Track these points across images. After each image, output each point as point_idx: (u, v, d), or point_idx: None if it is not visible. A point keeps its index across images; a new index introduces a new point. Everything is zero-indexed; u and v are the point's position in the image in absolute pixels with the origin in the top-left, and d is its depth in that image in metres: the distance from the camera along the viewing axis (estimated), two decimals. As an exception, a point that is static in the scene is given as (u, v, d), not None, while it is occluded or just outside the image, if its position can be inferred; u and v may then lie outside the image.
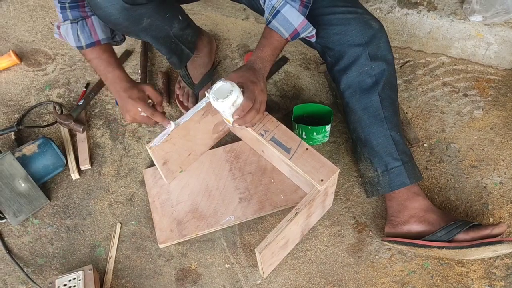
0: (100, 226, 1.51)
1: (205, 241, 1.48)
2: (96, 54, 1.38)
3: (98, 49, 1.38)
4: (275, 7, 1.26)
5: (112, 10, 1.24)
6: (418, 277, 1.39)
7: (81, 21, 1.34)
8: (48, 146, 1.54)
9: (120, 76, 1.37)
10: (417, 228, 1.36)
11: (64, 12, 1.33)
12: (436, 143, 1.59)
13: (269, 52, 1.30)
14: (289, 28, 1.28)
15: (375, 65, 1.38)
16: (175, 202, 1.52)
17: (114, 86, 1.37)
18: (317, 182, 1.27)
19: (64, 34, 1.37)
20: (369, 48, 1.37)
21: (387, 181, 1.39)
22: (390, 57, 1.41)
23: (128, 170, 1.61)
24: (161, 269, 1.44)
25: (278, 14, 1.26)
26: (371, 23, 1.39)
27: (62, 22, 1.36)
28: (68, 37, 1.36)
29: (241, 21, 1.90)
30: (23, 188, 1.48)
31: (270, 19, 1.28)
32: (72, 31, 1.34)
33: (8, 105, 1.75)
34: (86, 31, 1.35)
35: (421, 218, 1.36)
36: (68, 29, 1.34)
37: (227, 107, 1.22)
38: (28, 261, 1.47)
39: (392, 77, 1.43)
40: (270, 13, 1.27)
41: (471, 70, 1.73)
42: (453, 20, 1.66)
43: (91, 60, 1.39)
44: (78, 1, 1.33)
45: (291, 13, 1.25)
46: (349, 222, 1.48)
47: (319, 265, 1.42)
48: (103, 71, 1.38)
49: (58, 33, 1.40)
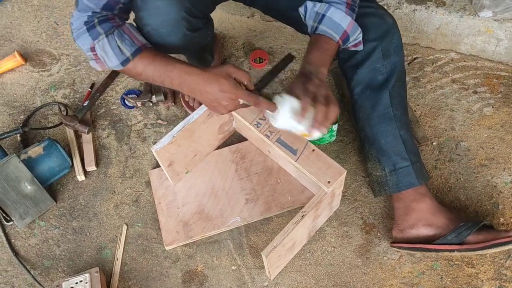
0: (106, 228, 1.51)
1: (212, 243, 1.47)
2: (147, 60, 1.18)
3: (147, 54, 1.18)
4: (319, 13, 1.21)
5: (174, 38, 1.23)
6: (427, 278, 1.37)
7: (117, 30, 1.16)
8: (53, 148, 1.53)
9: (187, 70, 1.15)
10: (425, 232, 1.34)
11: (93, 31, 1.14)
12: (445, 142, 1.57)
13: (318, 54, 1.21)
14: (338, 29, 1.22)
15: (387, 62, 1.36)
16: (181, 204, 1.51)
17: (187, 84, 1.15)
18: (324, 184, 1.25)
19: (101, 53, 1.16)
20: (383, 44, 1.34)
21: (394, 181, 1.37)
22: (401, 54, 1.39)
23: (133, 171, 1.60)
24: (168, 271, 1.43)
25: (324, 18, 1.21)
26: (386, 18, 1.36)
27: (94, 42, 1.15)
28: (108, 55, 1.16)
29: (246, 18, 1.88)
30: (29, 190, 1.47)
31: (316, 25, 1.22)
32: (111, 44, 1.14)
33: (13, 106, 1.75)
34: (127, 39, 1.16)
35: (429, 221, 1.34)
36: (105, 44, 1.14)
37: (288, 119, 1.14)
38: (34, 263, 1.47)
39: (403, 75, 1.41)
40: (315, 20, 1.22)
41: (480, 67, 1.70)
42: (462, 15, 1.62)
43: (145, 68, 1.18)
44: (108, 14, 1.16)
45: (337, 14, 1.20)
46: (356, 222, 1.47)
47: (327, 267, 1.41)
48: (164, 72, 1.17)
49: (93, 57, 1.18)
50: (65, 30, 1.91)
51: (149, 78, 1.20)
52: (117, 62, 1.17)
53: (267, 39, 1.84)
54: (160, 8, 1.17)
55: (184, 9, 1.19)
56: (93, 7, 1.11)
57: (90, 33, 1.14)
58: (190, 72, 1.15)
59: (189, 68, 1.15)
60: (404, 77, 1.42)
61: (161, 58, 1.18)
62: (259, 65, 1.76)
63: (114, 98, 1.74)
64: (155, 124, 1.68)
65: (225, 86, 1.12)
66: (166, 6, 1.17)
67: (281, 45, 1.82)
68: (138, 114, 1.71)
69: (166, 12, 1.18)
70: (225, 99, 1.14)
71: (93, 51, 1.16)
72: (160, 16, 1.18)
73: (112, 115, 1.71)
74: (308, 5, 1.24)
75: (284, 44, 1.82)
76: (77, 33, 1.16)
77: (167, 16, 1.19)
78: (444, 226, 1.32)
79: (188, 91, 1.17)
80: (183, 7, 1.19)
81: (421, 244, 1.34)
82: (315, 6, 1.22)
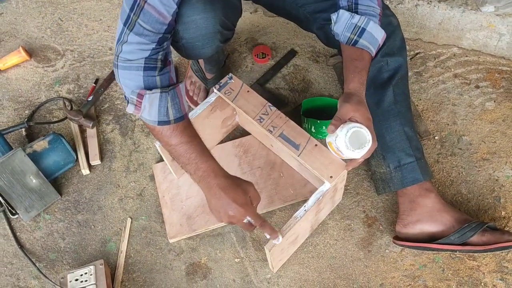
0: (111, 221, 1.53)
1: (215, 236, 1.48)
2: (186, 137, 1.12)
3: (185, 127, 1.13)
4: (358, 26, 1.20)
5: (207, 50, 1.26)
6: (429, 271, 1.38)
7: (172, 90, 1.10)
8: (58, 142, 1.55)
9: (215, 169, 1.12)
10: (429, 229, 1.35)
11: (150, 77, 1.07)
12: (447, 136, 1.58)
13: (366, 75, 1.21)
14: (375, 44, 1.23)
15: (391, 60, 1.38)
16: (184, 197, 1.53)
17: (207, 181, 1.12)
18: (327, 178, 1.26)
19: (145, 104, 1.08)
20: (387, 44, 1.36)
21: (399, 177, 1.38)
22: (405, 53, 1.42)
23: (137, 165, 1.61)
24: (171, 264, 1.45)
25: (365, 32, 1.21)
26: (391, 19, 1.38)
27: (146, 91, 1.07)
28: (152, 109, 1.08)
29: (249, 14, 1.89)
30: (34, 184, 1.49)
31: (355, 38, 1.21)
32: (161, 102, 1.08)
33: (18, 102, 1.76)
34: (176, 103, 1.11)
35: (433, 217, 1.34)
36: (155, 99, 1.08)
37: (360, 156, 1.15)
38: (40, 256, 1.48)
39: (406, 72, 1.43)
40: (354, 33, 1.21)
41: (482, 62, 1.71)
42: (464, 10, 1.63)
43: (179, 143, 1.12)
44: (167, 63, 1.11)
45: (375, 29, 1.21)
46: (359, 216, 1.48)
47: (329, 259, 1.42)
48: (194, 159, 1.12)
49: (134, 102, 1.09)
50: (69, 26, 1.92)
51: (175, 154, 1.15)
52: (155, 119, 1.10)
53: (270, 34, 1.85)
54: (197, 23, 1.17)
55: (219, 22, 1.21)
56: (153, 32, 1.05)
57: (145, 77, 1.07)
58: (217, 173, 1.12)
59: (218, 168, 1.13)
60: (407, 75, 1.44)
61: (198, 144, 1.14)
62: (262, 60, 1.77)
63: (118, 93, 1.76)
64: (159, 118, 1.69)
65: (240, 199, 1.10)
66: (203, 21, 1.18)
67: (283, 40, 1.83)
68: (142, 109, 1.72)
69: (204, 26, 1.19)
70: (233, 210, 1.10)
71: (139, 98, 1.08)
72: (197, 30, 1.19)
73: (116, 110, 1.72)
74: (343, 14, 1.22)
75: (286, 39, 1.83)
76: (130, 64, 1.07)
77: (204, 30, 1.19)
78: (449, 223, 1.33)
79: (205, 187, 1.13)
80: (219, 20, 1.20)
81: (423, 241, 1.35)
82: (353, 17, 1.21)
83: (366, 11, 1.22)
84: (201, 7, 1.16)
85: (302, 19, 1.49)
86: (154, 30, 1.05)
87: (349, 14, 1.21)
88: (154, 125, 1.12)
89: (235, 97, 1.40)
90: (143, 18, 1.03)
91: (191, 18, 1.16)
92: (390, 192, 1.45)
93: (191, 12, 1.15)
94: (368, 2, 1.23)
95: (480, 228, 1.30)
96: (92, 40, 1.88)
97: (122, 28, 1.06)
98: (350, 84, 1.19)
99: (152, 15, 1.04)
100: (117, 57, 1.08)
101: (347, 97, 1.17)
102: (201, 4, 1.15)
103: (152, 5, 1.03)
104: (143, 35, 1.05)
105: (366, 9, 1.23)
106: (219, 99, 1.44)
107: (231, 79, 1.42)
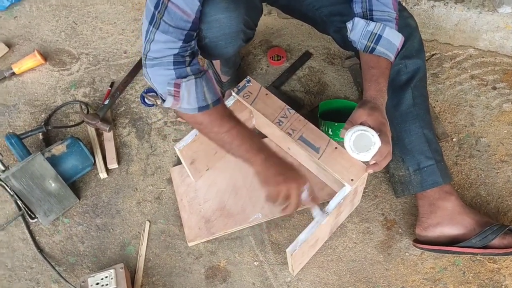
0: (129, 225, 1.53)
1: (234, 239, 1.48)
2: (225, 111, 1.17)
3: (224, 107, 1.19)
4: (375, 33, 1.20)
5: (230, 49, 1.26)
6: (449, 274, 1.38)
7: (204, 75, 1.13)
8: (76, 146, 1.55)
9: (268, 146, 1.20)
10: (450, 232, 1.35)
11: (181, 69, 1.09)
12: (465, 138, 1.57)
13: (384, 82, 1.22)
14: (393, 49, 1.23)
15: (409, 62, 1.37)
16: (202, 200, 1.53)
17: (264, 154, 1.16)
18: (347, 181, 1.26)
19: (184, 93, 1.10)
20: (406, 46, 1.35)
21: (419, 180, 1.37)
22: (423, 55, 1.41)
23: (155, 168, 1.62)
24: (191, 267, 1.45)
25: (381, 39, 1.20)
26: (409, 21, 1.38)
27: (181, 80, 1.09)
28: (190, 96, 1.10)
29: (264, 16, 1.88)
30: (53, 188, 1.49)
31: (372, 46, 1.21)
32: (197, 88, 1.10)
33: (34, 105, 1.77)
34: (211, 87, 1.13)
35: (454, 220, 1.34)
36: (192, 85, 1.10)
37: (367, 159, 1.17)
38: (59, 260, 1.49)
39: (424, 74, 1.42)
40: (370, 40, 1.21)
41: (499, 63, 1.70)
42: (481, 12, 1.62)
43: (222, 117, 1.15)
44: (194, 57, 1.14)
45: (392, 34, 1.21)
46: (377, 219, 1.48)
47: (349, 263, 1.42)
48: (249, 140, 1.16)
49: (172, 93, 1.10)
50: (83, 30, 1.93)
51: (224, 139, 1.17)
52: (195, 106, 1.12)
53: (284, 36, 1.85)
54: (221, 21, 1.17)
55: (242, 21, 1.21)
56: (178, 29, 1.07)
57: (176, 70, 1.09)
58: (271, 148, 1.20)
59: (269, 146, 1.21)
60: (425, 77, 1.43)
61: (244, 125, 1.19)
62: (277, 63, 1.77)
63: (134, 97, 1.76)
64: (175, 122, 1.69)
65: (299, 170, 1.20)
66: (227, 20, 1.18)
67: (298, 42, 1.83)
68: (158, 112, 1.72)
69: (227, 25, 1.19)
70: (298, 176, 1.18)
71: (176, 87, 1.09)
72: (221, 29, 1.19)
73: (132, 113, 1.73)
74: (359, 22, 1.22)
75: (301, 41, 1.83)
76: (159, 61, 1.09)
77: (227, 29, 1.20)
78: (470, 226, 1.33)
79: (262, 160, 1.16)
80: (242, 19, 1.21)
81: (444, 244, 1.35)
82: (368, 25, 1.20)
83: (381, 17, 1.22)
84: (225, 6, 1.16)
85: (319, 21, 1.49)
86: (179, 27, 1.07)
87: (365, 21, 1.21)
88: (194, 113, 1.13)
89: (254, 100, 1.40)
90: (167, 16, 1.05)
91: (215, 17, 1.16)
92: (409, 195, 1.45)
93: (215, 11, 1.15)
94: (383, 7, 1.23)
95: (502, 231, 1.30)
96: (107, 43, 1.89)
97: (148, 27, 1.08)
98: (367, 92, 1.21)
99: (176, 13, 1.06)
100: (146, 56, 1.11)
101: (362, 103, 1.20)
102: (224, 3, 1.16)
103: (175, 3, 1.05)
104: (169, 32, 1.07)
105: (382, 15, 1.22)
106: (237, 102, 1.44)
107: (249, 82, 1.42)
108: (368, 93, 1.21)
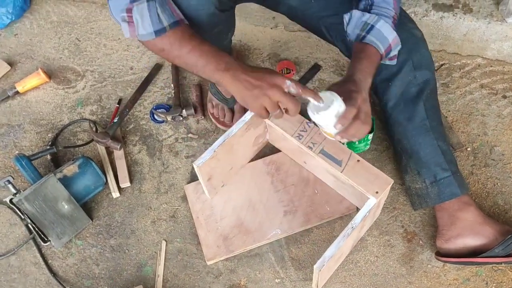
0: (145, 245, 1.49)
1: (253, 256, 1.46)
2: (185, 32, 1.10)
3: (185, 28, 1.12)
4: (368, 23, 1.20)
5: (202, 13, 1.18)
6: (472, 285, 1.37)
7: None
8: (88, 165, 1.52)
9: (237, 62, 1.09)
10: (472, 242, 1.34)
11: None
12: (480, 147, 1.58)
13: (367, 63, 1.18)
14: (385, 42, 1.21)
15: (419, 74, 1.37)
16: (219, 218, 1.50)
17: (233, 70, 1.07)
18: (372, 194, 1.25)
19: (137, 17, 1.07)
20: (413, 58, 1.35)
21: (436, 192, 1.37)
22: (432, 66, 1.41)
23: (168, 186, 1.59)
24: (211, 286, 1.42)
25: (373, 29, 1.20)
26: (414, 31, 1.38)
27: (133, 4, 1.07)
28: (144, 20, 1.07)
29: (270, 29, 1.88)
30: (66, 209, 1.45)
31: (363, 34, 1.20)
32: (150, 11, 1.07)
33: (40, 125, 1.73)
34: (167, 10, 1.09)
35: (475, 230, 1.34)
36: (144, 8, 1.06)
37: (329, 119, 1.10)
38: (74, 283, 1.45)
39: (434, 85, 1.42)
40: (362, 29, 1.21)
41: (507, 71, 1.71)
42: (489, 22, 1.64)
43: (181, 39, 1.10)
44: None
45: (385, 28, 1.20)
46: (397, 231, 1.47)
47: (371, 277, 1.41)
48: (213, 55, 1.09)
49: (126, 19, 1.08)
50: (87, 46, 1.90)
51: (189, 61, 1.11)
52: (151, 30, 1.08)
53: (292, 49, 1.84)
54: None
55: None
56: None
57: None
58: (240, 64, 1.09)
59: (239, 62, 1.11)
60: (435, 88, 1.43)
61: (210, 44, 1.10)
62: (286, 76, 1.75)
63: (143, 113, 1.73)
64: (186, 138, 1.67)
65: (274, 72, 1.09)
66: None
67: (306, 55, 1.82)
68: (168, 128, 1.69)
69: None
70: (273, 79, 1.05)
71: (128, 13, 1.07)
72: None
73: (142, 130, 1.70)
74: (355, 14, 1.23)
75: (309, 54, 1.82)
76: None
77: None
78: (492, 236, 1.33)
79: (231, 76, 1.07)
80: None
81: (467, 255, 1.34)
82: (363, 15, 1.21)
83: (378, 11, 1.22)
84: None
85: (323, 31, 1.48)
86: None
87: (361, 13, 1.22)
88: (153, 39, 1.09)
89: (272, 115, 1.38)
90: None
91: None
92: (427, 207, 1.44)
93: None
94: (383, 3, 1.23)
95: None
96: (112, 60, 1.86)
97: None
98: (346, 73, 1.19)
99: None
100: None
101: (338, 81, 1.18)
102: None
103: None
104: None
105: (380, 9, 1.23)
106: (253, 117, 1.42)
107: (266, 97, 1.40)
108: (346, 73, 1.19)
